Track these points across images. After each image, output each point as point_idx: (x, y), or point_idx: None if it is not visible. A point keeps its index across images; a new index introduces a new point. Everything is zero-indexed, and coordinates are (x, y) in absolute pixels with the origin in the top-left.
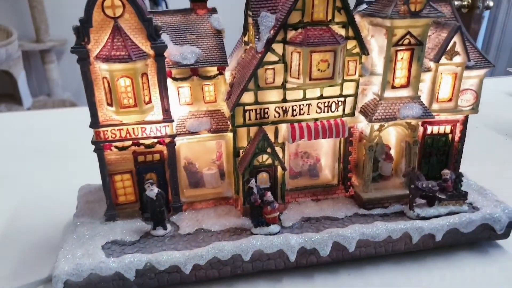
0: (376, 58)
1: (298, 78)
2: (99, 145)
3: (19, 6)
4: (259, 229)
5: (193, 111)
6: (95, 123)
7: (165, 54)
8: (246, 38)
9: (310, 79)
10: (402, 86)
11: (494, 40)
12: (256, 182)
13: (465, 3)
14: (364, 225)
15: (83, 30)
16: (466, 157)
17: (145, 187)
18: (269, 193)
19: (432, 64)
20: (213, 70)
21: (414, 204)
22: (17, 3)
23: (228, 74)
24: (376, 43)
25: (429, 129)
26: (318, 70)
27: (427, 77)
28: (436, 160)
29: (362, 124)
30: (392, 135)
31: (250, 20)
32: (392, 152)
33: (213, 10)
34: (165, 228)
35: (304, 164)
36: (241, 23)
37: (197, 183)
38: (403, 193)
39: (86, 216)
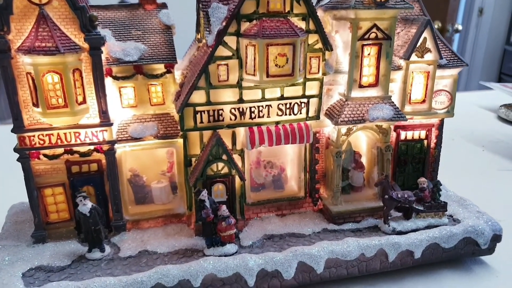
0: (341, 55)
1: (254, 75)
2: (24, 153)
3: None
4: (212, 249)
5: (137, 115)
6: (19, 126)
7: (105, 50)
8: (199, 36)
9: (268, 75)
10: (370, 85)
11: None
12: (210, 194)
13: (435, 26)
14: (333, 241)
15: (1, 17)
16: (442, 169)
17: (76, 202)
18: (224, 207)
19: (402, 62)
20: (160, 68)
21: (389, 218)
22: None
23: (178, 73)
24: (341, 39)
25: (403, 134)
26: (276, 65)
27: (397, 77)
28: (412, 169)
29: (328, 129)
30: (362, 141)
31: (201, 13)
32: (363, 160)
33: (163, 5)
34: (102, 251)
35: (267, 175)
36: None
37: (144, 198)
38: (377, 206)
39: (10, 238)
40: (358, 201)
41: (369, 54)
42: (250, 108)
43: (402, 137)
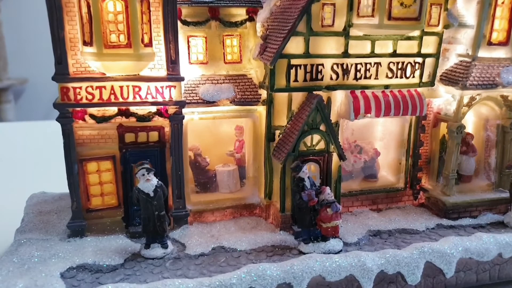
0: (462, 8)
1: (372, 16)
2: (66, 111)
3: None
4: (311, 245)
5: (207, 75)
6: (62, 74)
7: None
8: None
9: (389, 18)
10: (500, 43)
11: None
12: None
13: None
14: (465, 237)
15: None
16: None
17: (137, 176)
18: (328, 189)
19: None
20: (240, 13)
21: None
22: None
23: (257, 26)
24: None
25: None
26: (402, 4)
27: None
28: None
29: (440, 101)
30: (468, 122)
31: None
32: None
33: None
34: (164, 246)
35: (356, 161)
36: None
37: (208, 184)
38: (497, 197)
39: (36, 231)
40: (473, 192)
41: (503, 3)
42: (356, 65)
43: None
